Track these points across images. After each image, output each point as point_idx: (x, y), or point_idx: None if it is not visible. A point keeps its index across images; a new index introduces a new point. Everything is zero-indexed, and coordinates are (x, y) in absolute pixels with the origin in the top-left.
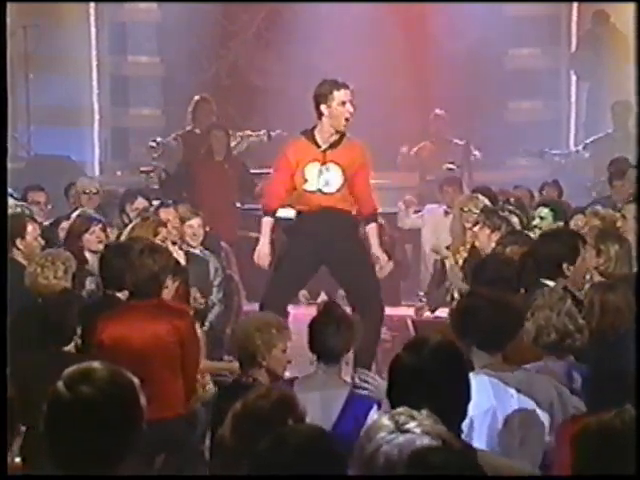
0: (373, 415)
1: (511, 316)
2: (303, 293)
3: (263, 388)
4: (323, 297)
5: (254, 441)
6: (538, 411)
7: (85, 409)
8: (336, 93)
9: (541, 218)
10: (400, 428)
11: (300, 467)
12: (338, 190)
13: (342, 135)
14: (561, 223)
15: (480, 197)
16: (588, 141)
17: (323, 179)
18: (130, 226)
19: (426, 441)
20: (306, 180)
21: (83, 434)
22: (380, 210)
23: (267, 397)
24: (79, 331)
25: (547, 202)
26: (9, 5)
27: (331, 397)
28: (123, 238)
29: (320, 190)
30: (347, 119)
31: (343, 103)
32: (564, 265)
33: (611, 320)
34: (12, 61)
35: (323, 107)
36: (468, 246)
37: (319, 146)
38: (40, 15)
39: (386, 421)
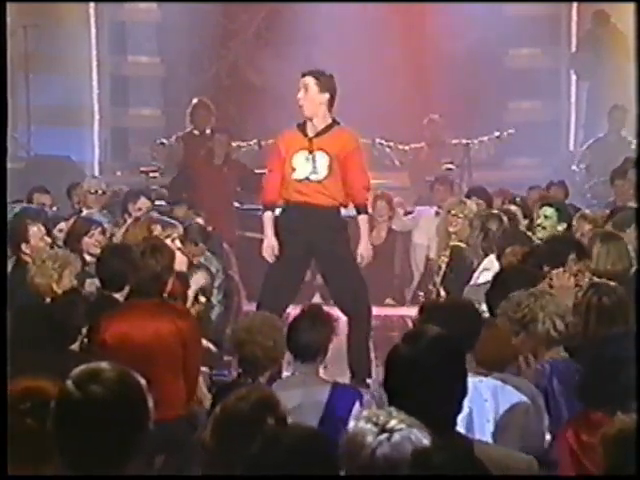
0: (357, 408)
1: (466, 318)
2: None
3: (243, 389)
4: (317, 299)
5: (235, 443)
6: (518, 398)
7: (95, 408)
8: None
9: (545, 217)
10: (385, 428)
11: (293, 468)
12: (326, 177)
13: (332, 123)
14: (564, 224)
15: (468, 202)
16: (584, 146)
17: (310, 167)
18: (123, 228)
19: (416, 432)
20: (294, 169)
21: (92, 433)
22: None
23: (246, 399)
24: (84, 331)
25: (552, 202)
26: (9, 5)
27: (313, 393)
28: (117, 240)
29: (308, 178)
30: (300, 105)
31: (298, 90)
32: (545, 268)
33: (606, 323)
34: (12, 61)
35: None
36: (448, 251)
37: (306, 135)
38: (40, 15)
39: (366, 425)
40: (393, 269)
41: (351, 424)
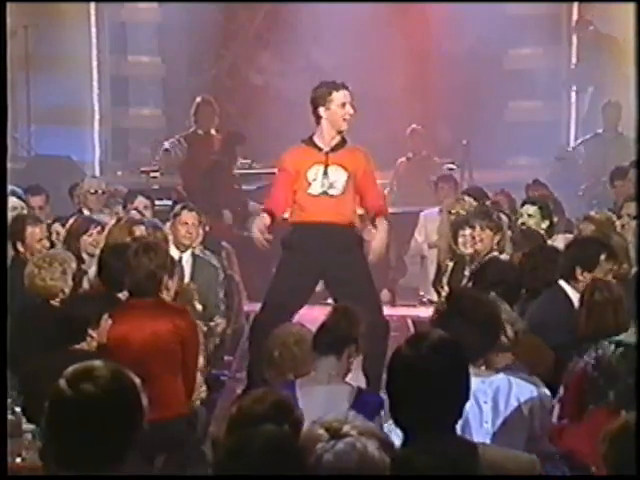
0: (382, 415)
1: (488, 331)
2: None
3: (259, 391)
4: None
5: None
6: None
7: (87, 407)
8: (335, 95)
9: (529, 216)
10: (336, 434)
11: (263, 469)
12: (342, 193)
13: (344, 139)
14: (547, 222)
15: (466, 199)
16: (579, 141)
17: (328, 181)
18: (106, 230)
19: (364, 441)
20: (309, 184)
21: (85, 432)
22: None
23: (262, 401)
24: (92, 331)
25: (534, 200)
26: (9, 5)
27: (337, 392)
28: (101, 243)
29: (325, 192)
30: (345, 120)
31: (343, 105)
32: (577, 269)
33: (596, 319)
34: (12, 61)
35: (321, 110)
36: (454, 250)
37: (320, 149)
38: (40, 15)
39: (320, 430)
40: (388, 262)
41: (305, 428)
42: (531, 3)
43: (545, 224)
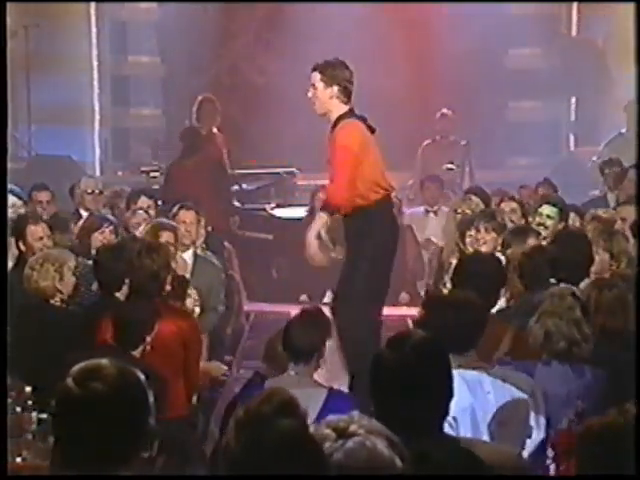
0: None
1: (472, 317)
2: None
3: (264, 392)
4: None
5: (258, 446)
6: (519, 394)
7: (95, 405)
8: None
9: (548, 217)
10: (343, 433)
11: (278, 465)
12: (330, 180)
13: (339, 118)
14: (564, 223)
15: (473, 198)
16: (604, 143)
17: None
18: (139, 232)
19: (373, 439)
20: None
21: (92, 431)
22: None
23: (269, 402)
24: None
25: (554, 201)
26: (9, 5)
27: (308, 395)
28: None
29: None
30: (312, 104)
31: (311, 86)
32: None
33: (603, 318)
34: (13, 61)
35: None
36: (462, 250)
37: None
38: (41, 15)
39: (327, 430)
40: (406, 264)
41: (312, 428)
42: (531, 3)
43: (562, 225)
